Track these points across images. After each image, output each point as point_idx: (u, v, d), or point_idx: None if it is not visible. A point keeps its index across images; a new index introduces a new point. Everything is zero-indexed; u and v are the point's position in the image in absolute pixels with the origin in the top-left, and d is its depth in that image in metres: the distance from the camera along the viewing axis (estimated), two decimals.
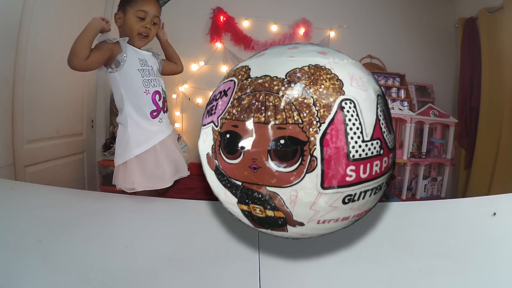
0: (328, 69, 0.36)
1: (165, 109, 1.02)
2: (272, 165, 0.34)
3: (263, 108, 0.35)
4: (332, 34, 2.42)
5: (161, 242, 0.52)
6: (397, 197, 2.17)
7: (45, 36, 1.63)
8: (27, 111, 1.54)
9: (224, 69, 2.44)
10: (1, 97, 1.40)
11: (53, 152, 1.78)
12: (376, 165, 0.35)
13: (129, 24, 0.98)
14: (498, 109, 2.00)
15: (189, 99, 2.44)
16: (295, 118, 0.33)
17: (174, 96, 2.45)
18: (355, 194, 0.35)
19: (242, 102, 0.36)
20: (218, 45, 2.39)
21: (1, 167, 1.38)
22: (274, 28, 2.41)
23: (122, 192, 0.91)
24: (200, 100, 2.46)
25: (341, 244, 0.50)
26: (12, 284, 0.41)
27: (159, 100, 1.00)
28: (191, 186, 1.87)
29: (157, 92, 0.99)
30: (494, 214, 0.56)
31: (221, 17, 2.39)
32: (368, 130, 0.35)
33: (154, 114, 0.98)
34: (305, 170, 0.33)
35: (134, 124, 0.97)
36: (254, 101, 0.35)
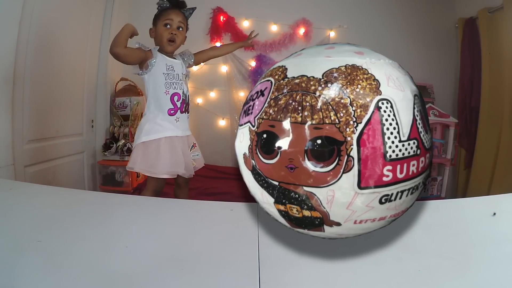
0: (365, 69, 0.36)
1: (183, 110, 1.20)
2: (309, 165, 0.34)
3: (300, 108, 0.35)
4: (332, 34, 2.42)
5: (161, 242, 0.52)
6: None
7: (45, 36, 1.63)
8: (27, 111, 1.54)
9: (224, 69, 2.44)
10: (1, 97, 1.40)
11: (53, 152, 1.78)
12: (413, 165, 0.35)
13: (159, 33, 1.18)
14: (498, 109, 2.00)
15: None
16: (332, 118, 0.33)
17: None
18: (392, 194, 0.35)
19: (279, 102, 0.36)
20: (218, 45, 2.39)
21: (1, 167, 1.38)
22: (274, 28, 2.41)
23: (122, 192, 0.94)
24: (200, 100, 2.46)
25: (341, 244, 0.50)
26: (12, 284, 0.41)
27: (177, 101, 1.18)
28: (191, 187, 1.87)
29: (176, 93, 1.18)
30: (494, 214, 0.56)
31: (221, 17, 2.39)
32: (405, 130, 0.35)
33: (171, 112, 1.17)
34: (342, 170, 0.34)
35: (151, 117, 1.17)
36: (291, 101, 0.35)
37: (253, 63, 2.43)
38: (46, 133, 1.72)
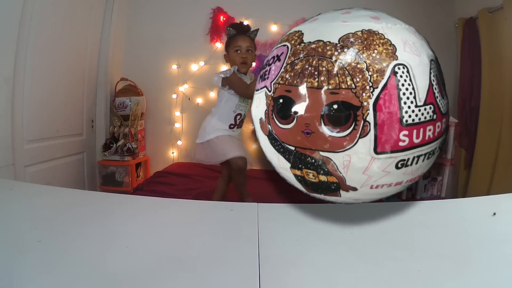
0: (381, 34, 0.35)
1: (239, 125, 1.46)
2: (325, 130, 0.34)
3: (316, 73, 0.34)
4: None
5: (161, 242, 0.52)
6: (397, 197, 2.17)
7: (45, 36, 1.63)
8: (27, 111, 1.54)
9: (224, 69, 2.43)
10: (1, 97, 1.40)
11: (53, 152, 1.78)
12: (429, 130, 0.35)
13: (232, 58, 1.40)
14: (498, 109, 2.00)
15: (189, 99, 2.44)
16: (348, 83, 0.33)
17: (174, 96, 2.45)
18: (408, 159, 0.35)
19: (295, 67, 0.36)
20: (218, 45, 2.39)
21: (1, 167, 1.38)
22: (274, 28, 2.41)
23: (123, 192, 0.94)
24: (200, 100, 2.45)
25: (341, 244, 0.50)
26: (12, 284, 0.41)
27: (238, 120, 1.43)
28: (191, 187, 1.87)
29: (239, 114, 1.43)
30: (494, 214, 0.56)
31: (221, 17, 2.39)
32: (421, 95, 0.34)
33: (231, 126, 1.43)
34: (358, 135, 0.33)
35: (213, 123, 1.42)
36: (307, 66, 0.35)
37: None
38: (46, 133, 1.72)
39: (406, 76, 0.34)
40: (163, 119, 2.47)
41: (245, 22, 2.40)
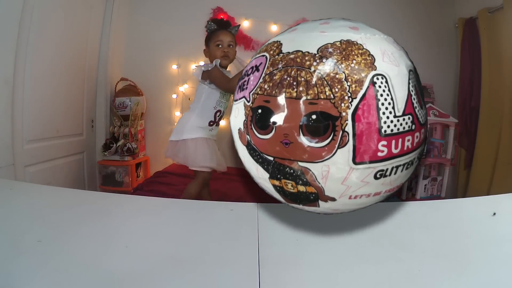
0: (360, 44, 0.35)
1: (218, 123, 1.40)
2: (304, 140, 0.34)
3: (295, 83, 0.34)
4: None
5: (161, 242, 0.52)
6: (397, 197, 2.17)
7: (45, 36, 1.63)
8: (27, 111, 1.54)
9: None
10: (1, 97, 1.40)
11: (53, 152, 1.78)
12: (408, 140, 0.35)
13: (213, 52, 1.35)
14: (498, 109, 2.00)
15: (189, 99, 2.44)
16: (327, 93, 0.33)
17: (174, 96, 2.45)
18: (387, 169, 0.35)
19: (274, 77, 0.36)
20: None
21: (1, 167, 1.38)
22: (274, 28, 2.41)
23: (122, 192, 0.95)
24: None
25: (341, 244, 0.50)
26: (12, 284, 0.41)
27: (217, 117, 1.38)
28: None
29: (219, 110, 1.38)
30: (494, 214, 0.56)
31: (221, 17, 2.39)
32: (400, 105, 0.34)
33: (211, 123, 1.37)
34: (337, 145, 0.33)
35: (191, 121, 1.36)
36: (286, 76, 0.35)
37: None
38: (46, 133, 1.72)
39: (385, 86, 0.34)
40: (163, 119, 2.47)
41: (245, 22, 2.42)
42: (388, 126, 0.34)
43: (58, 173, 1.81)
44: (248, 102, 0.38)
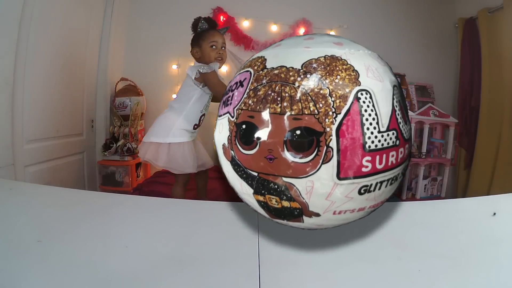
0: (344, 59, 0.35)
1: (200, 125, 1.38)
2: (288, 155, 0.34)
3: (279, 98, 0.34)
4: (332, 34, 2.42)
5: (161, 242, 0.52)
6: (397, 197, 2.17)
7: (45, 36, 1.63)
8: (27, 111, 1.54)
9: (224, 69, 2.44)
10: (1, 97, 1.40)
11: (53, 152, 1.78)
12: (392, 155, 0.35)
13: (206, 53, 1.29)
14: (498, 108, 2.01)
15: None
16: (311, 109, 0.33)
17: (174, 96, 2.44)
18: (371, 184, 0.35)
19: (258, 93, 0.36)
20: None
21: (1, 167, 1.38)
22: (274, 28, 2.41)
23: (122, 192, 0.95)
24: None
25: (341, 244, 0.50)
26: (12, 284, 0.41)
27: (201, 121, 1.37)
28: (191, 187, 1.87)
29: (204, 114, 1.37)
30: (494, 214, 0.56)
31: (221, 17, 2.39)
32: (384, 121, 0.34)
33: (195, 127, 1.36)
34: (321, 161, 0.33)
35: (177, 124, 1.30)
36: (270, 92, 0.35)
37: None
38: (46, 133, 1.72)
39: (369, 102, 0.34)
40: None
41: (245, 22, 2.42)
42: (372, 142, 0.34)
43: (58, 173, 1.81)
44: (233, 117, 0.38)
